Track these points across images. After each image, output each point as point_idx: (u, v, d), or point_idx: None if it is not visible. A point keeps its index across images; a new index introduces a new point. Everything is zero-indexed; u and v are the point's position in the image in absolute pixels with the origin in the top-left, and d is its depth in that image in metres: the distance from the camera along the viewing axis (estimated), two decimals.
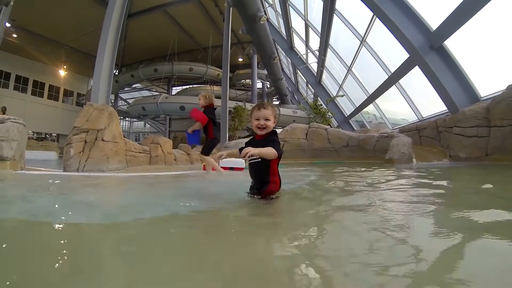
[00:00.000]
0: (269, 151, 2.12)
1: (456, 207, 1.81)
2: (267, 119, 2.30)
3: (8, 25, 17.94)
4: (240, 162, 6.18)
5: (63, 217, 1.77)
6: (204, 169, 6.44)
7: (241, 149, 2.48)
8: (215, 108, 5.77)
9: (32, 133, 29.86)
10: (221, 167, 6.04)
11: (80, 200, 2.43)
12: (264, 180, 2.31)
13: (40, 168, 5.94)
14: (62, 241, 1.31)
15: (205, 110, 5.68)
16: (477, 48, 7.30)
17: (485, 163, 5.57)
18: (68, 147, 6.80)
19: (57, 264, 1.01)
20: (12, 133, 4.83)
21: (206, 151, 5.65)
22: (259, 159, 2.25)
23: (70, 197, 2.65)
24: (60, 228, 1.51)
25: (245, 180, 2.69)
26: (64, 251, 1.16)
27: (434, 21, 7.17)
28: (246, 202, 2.29)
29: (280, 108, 26.76)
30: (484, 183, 2.70)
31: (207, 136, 5.67)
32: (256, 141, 2.39)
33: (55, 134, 32.59)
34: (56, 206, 2.16)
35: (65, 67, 31.63)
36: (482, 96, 6.89)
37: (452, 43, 7.04)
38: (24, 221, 1.63)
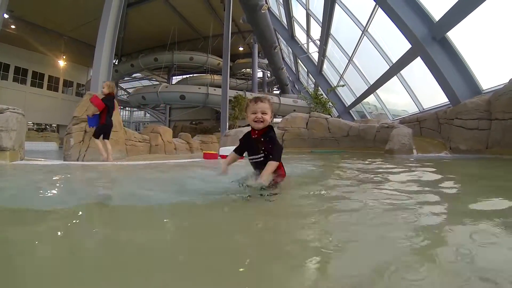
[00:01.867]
0: (273, 166, 2.08)
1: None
2: (264, 113, 2.22)
3: (6, 16, 17.76)
4: None
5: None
6: (205, 158, 6.49)
7: (236, 150, 2.53)
8: (114, 97, 6.63)
9: (32, 124, 29.85)
10: (221, 155, 6.15)
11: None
12: None
13: (39, 159, 5.94)
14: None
15: (105, 97, 6.27)
16: (480, 40, 7.22)
17: (485, 156, 5.55)
18: (68, 137, 6.82)
19: None
20: (11, 123, 4.81)
21: (96, 134, 6.23)
22: (261, 158, 2.21)
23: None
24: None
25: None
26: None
27: (437, 12, 7.07)
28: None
29: (280, 98, 26.64)
30: None
31: (100, 120, 6.23)
32: (253, 140, 2.31)
33: (55, 125, 32.59)
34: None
35: (64, 57, 31.41)
36: (484, 88, 6.84)
37: (455, 35, 6.96)
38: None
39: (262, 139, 2.24)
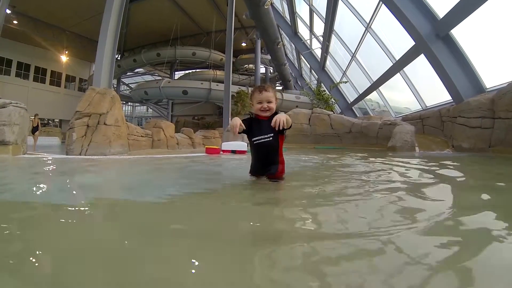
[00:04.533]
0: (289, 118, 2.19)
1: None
2: (269, 102, 2.26)
3: (8, 11, 17.71)
4: (243, 145, 6.26)
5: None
6: (207, 152, 6.52)
7: (244, 122, 2.27)
8: None
9: None
10: (223, 150, 6.21)
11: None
12: (273, 160, 2.27)
13: (42, 153, 5.97)
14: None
15: None
16: (484, 38, 7.16)
17: (488, 154, 5.53)
18: (71, 132, 6.83)
19: None
20: (14, 118, 4.84)
21: None
22: (271, 138, 2.21)
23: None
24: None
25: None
26: None
27: (441, 9, 7.01)
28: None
29: (283, 94, 26.54)
30: None
31: None
32: (262, 121, 2.28)
33: (57, 120, 32.63)
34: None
35: (66, 52, 31.28)
36: (487, 87, 6.79)
37: (459, 32, 6.90)
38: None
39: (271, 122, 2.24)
